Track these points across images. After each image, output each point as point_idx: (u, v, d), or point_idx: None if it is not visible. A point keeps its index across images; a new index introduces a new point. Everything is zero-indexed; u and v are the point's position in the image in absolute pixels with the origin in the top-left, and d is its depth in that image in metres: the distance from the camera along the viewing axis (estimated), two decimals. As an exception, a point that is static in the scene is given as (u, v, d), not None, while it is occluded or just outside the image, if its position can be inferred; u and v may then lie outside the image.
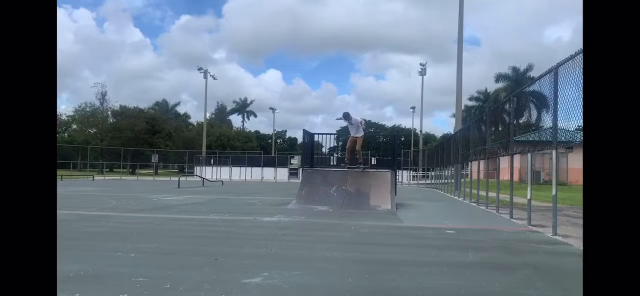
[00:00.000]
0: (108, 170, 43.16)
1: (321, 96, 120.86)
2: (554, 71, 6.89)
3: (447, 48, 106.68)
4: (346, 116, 11.88)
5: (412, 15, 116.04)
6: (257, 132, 77.02)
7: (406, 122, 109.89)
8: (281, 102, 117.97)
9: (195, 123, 67.06)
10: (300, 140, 30.48)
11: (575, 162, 25.64)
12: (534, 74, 41.80)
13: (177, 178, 26.69)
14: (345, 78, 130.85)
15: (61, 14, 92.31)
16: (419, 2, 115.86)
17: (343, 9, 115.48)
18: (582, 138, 3.17)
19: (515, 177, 12.65)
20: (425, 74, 45.51)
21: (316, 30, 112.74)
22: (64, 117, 57.48)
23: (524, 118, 9.42)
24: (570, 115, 6.35)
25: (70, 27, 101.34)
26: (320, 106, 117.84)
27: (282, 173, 38.80)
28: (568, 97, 6.37)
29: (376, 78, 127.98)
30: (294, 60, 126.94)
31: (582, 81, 3.22)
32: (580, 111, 5.88)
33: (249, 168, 39.35)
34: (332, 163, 16.22)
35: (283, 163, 41.14)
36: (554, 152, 7.06)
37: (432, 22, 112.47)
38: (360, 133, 11.98)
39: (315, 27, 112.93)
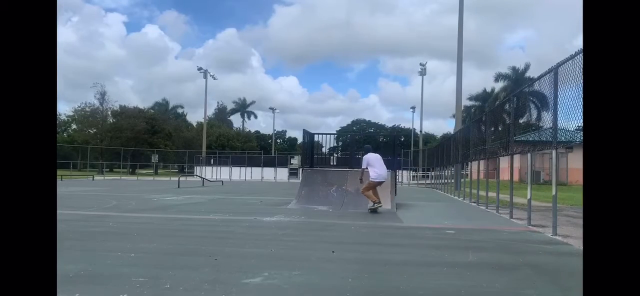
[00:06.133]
0: (108, 170, 43.14)
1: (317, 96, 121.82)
2: (554, 71, 6.89)
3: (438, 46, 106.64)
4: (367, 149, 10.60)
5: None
6: (257, 132, 77.04)
7: (405, 122, 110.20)
8: (277, 102, 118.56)
9: (195, 124, 67.07)
10: (300, 140, 30.46)
11: (575, 162, 25.66)
12: (531, 73, 42.06)
13: (177, 178, 26.70)
14: (340, 77, 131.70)
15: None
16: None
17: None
18: (582, 138, 3.17)
19: (515, 177, 12.65)
20: (425, 74, 45.59)
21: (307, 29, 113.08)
22: (63, 117, 57.51)
23: (523, 118, 9.42)
24: (570, 115, 6.35)
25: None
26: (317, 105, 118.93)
27: (282, 173, 38.79)
28: (568, 97, 6.38)
29: (371, 78, 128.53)
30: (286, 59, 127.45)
31: (582, 81, 3.22)
32: (580, 111, 5.89)
33: (249, 168, 39.37)
34: (332, 163, 16.25)
35: (283, 163, 41.12)
36: (554, 152, 7.06)
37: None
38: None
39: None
